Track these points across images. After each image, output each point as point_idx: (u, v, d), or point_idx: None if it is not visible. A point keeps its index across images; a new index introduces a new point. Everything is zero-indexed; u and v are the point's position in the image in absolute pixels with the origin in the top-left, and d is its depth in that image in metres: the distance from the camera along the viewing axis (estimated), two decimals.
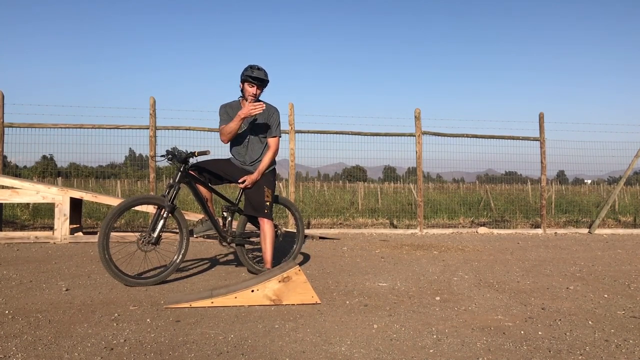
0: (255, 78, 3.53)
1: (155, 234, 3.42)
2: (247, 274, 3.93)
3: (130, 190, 13.28)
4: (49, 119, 7.27)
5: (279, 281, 2.91)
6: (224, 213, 3.85)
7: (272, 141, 3.71)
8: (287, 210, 6.78)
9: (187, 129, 7.47)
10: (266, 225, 3.63)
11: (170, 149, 3.54)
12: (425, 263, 4.52)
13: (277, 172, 3.93)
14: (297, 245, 4.25)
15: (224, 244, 3.78)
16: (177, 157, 3.49)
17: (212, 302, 2.84)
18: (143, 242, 3.41)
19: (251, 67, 3.58)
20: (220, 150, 7.79)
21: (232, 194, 4.81)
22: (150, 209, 6.43)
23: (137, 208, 6.41)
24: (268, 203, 3.65)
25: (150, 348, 2.15)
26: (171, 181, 3.53)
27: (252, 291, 2.89)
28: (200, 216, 6.71)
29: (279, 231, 3.95)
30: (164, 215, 3.47)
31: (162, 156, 3.57)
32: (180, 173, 3.50)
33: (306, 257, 4.80)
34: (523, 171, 9.64)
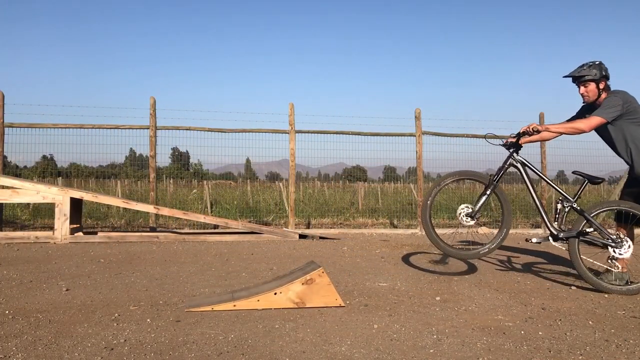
0: (572, 76, 3.54)
1: (476, 208, 3.49)
2: (246, 273, 3.93)
3: (131, 190, 13.28)
4: (49, 119, 7.28)
5: (302, 283, 2.84)
6: (558, 205, 3.58)
7: (591, 116, 3.46)
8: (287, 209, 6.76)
9: (187, 129, 7.48)
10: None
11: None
12: (425, 263, 4.52)
13: None
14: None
15: (554, 241, 3.49)
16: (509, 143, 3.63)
17: (234, 306, 2.78)
18: (463, 215, 3.50)
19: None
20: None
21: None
22: (152, 209, 6.44)
23: (140, 208, 6.43)
24: None
25: (150, 348, 2.15)
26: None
27: (275, 294, 2.83)
28: (201, 216, 6.69)
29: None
30: (487, 193, 3.53)
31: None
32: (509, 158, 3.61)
33: (306, 258, 4.79)
34: None
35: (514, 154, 3.63)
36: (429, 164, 8.35)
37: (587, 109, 3.60)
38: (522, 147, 3.67)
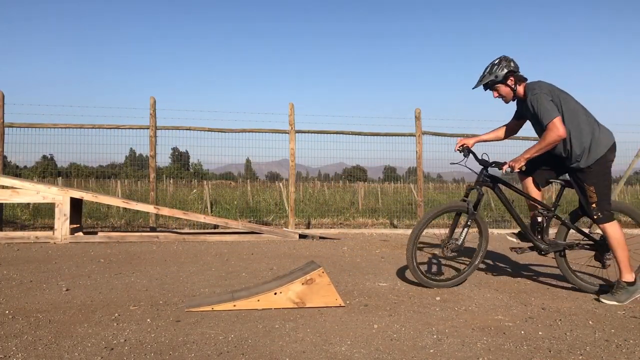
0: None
1: (459, 242, 3.33)
2: (246, 273, 3.93)
3: (131, 190, 13.28)
4: (49, 119, 7.29)
5: (302, 283, 2.84)
6: (538, 218, 3.47)
7: (549, 126, 3.09)
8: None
9: (187, 129, 7.48)
10: (607, 230, 3.10)
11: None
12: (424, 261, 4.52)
13: (607, 159, 3.11)
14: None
15: (542, 253, 3.43)
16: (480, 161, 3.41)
17: (234, 306, 2.78)
18: (446, 248, 3.35)
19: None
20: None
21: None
22: (152, 209, 6.44)
23: (140, 208, 6.43)
24: (594, 205, 3.10)
25: (150, 348, 2.15)
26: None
27: (275, 294, 2.82)
28: (201, 216, 6.68)
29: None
30: (468, 224, 3.37)
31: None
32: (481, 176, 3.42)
33: (306, 258, 4.80)
34: None
35: (484, 173, 3.43)
36: (429, 164, 8.35)
37: (520, 104, 3.40)
38: (491, 164, 3.43)
